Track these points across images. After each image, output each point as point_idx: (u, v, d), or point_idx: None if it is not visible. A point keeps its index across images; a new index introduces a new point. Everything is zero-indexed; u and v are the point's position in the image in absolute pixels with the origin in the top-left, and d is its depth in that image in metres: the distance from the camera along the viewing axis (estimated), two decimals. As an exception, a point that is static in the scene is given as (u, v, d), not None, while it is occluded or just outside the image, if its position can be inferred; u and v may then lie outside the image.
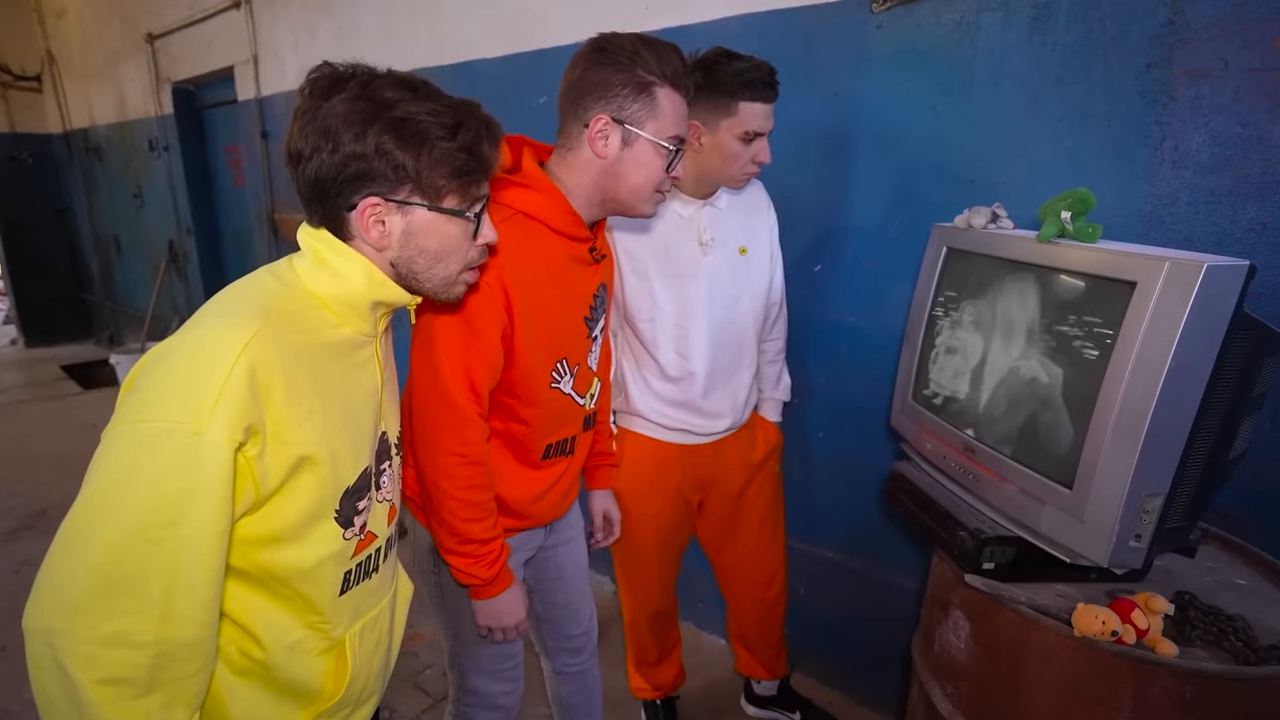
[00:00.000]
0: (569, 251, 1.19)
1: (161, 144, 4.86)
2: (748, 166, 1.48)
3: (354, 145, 0.78)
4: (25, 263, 6.47)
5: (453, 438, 1.12)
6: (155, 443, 0.69)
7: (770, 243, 1.68)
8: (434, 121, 0.80)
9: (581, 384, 1.29)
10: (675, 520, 1.76)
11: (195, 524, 0.70)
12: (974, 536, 1.14)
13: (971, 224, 1.31)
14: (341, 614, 0.90)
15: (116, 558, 0.68)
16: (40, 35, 6.15)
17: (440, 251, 0.87)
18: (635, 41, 1.11)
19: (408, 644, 2.37)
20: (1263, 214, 1.30)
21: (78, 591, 0.67)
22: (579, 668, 1.56)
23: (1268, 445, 1.32)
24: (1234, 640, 0.97)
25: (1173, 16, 1.33)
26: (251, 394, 0.71)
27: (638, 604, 1.87)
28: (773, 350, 1.78)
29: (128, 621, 0.69)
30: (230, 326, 0.73)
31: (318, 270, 0.84)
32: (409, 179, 0.81)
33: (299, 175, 0.82)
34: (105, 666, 0.68)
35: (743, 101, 1.41)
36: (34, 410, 4.83)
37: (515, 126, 1.23)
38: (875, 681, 2.05)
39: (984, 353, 1.25)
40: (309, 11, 3.40)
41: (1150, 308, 0.94)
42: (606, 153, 1.13)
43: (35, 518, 3.29)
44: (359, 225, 0.83)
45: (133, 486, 0.69)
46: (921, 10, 1.63)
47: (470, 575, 1.18)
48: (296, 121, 0.81)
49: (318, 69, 0.82)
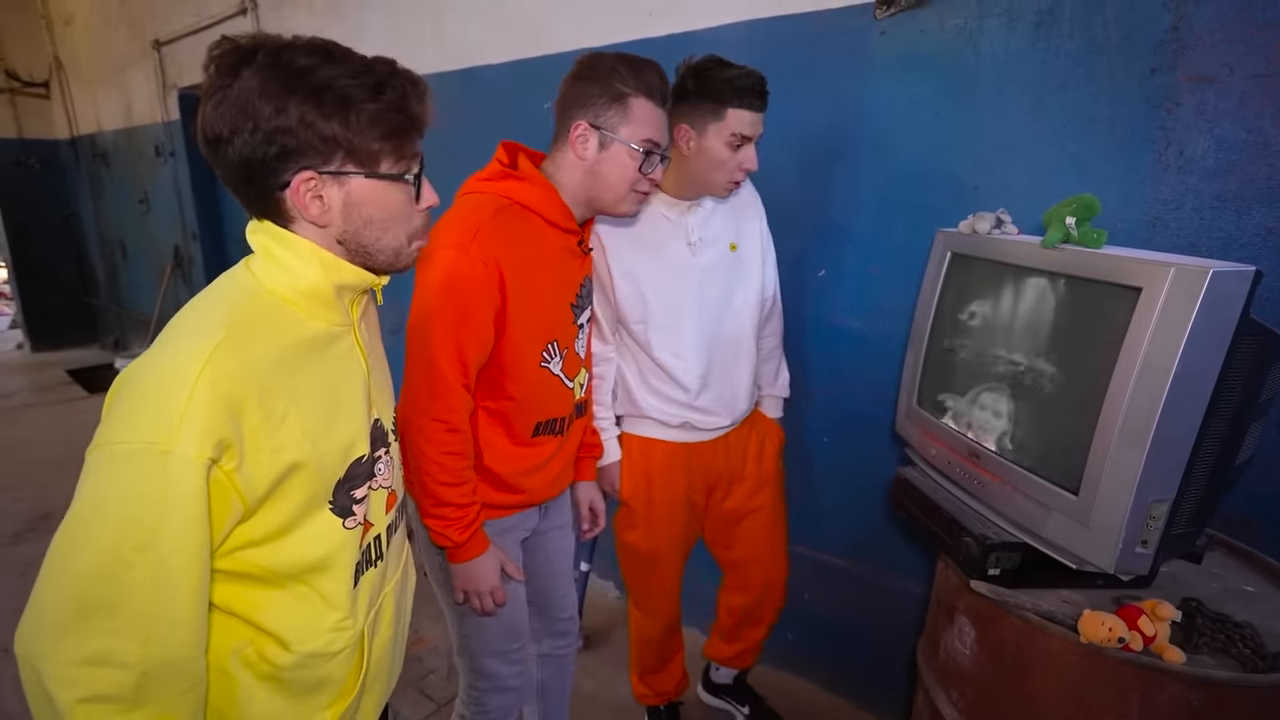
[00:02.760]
0: (560, 242, 1.30)
1: (168, 149, 4.88)
2: (734, 173, 1.49)
3: (276, 120, 0.74)
4: (32, 267, 6.49)
5: (438, 404, 1.18)
6: (126, 464, 0.68)
7: (760, 236, 1.69)
8: (355, 84, 0.76)
9: (570, 367, 1.37)
10: (683, 525, 1.76)
11: (170, 545, 0.69)
12: (979, 542, 1.14)
13: (976, 229, 1.31)
14: (358, 606, 0.90)
15: (95, 581, 0.68)
16: (48, 42, 6.19)
17: (385, 220, 0.83)
18: (614, 59, 1.25)
19: (412, 649, 2.36)
20: (1268, 219, 1.29)
21: (60, 615, 0.68)
22: (562, 651, 1.64)
23: (1274, 451, 1.32)
24: (1242, 647, 0.97)
25: (1177, 22, 1.33)
26: (218, 408, 0.70)
27: (644, 610, 1.87)
28: (768, 347, 1.79)
29: (110, 641, 0.69)
30: (192, 343, 0.72)
31: (272, 268, 0.81)
32: (339, 147, 0.77)
33: (222, 161, 0.78)
34: (87, 685, 0.68)
35: (731, 108, 1.43)
36: (39, 414, 4.84)
37: (520, 131, 1.25)
38: (880, 687, 2.04)
39: (989, 358, 1.25)
40: (315, 18, 3.42)
41: (1156, 313, 0.94)
42: (586, 155, 1.25)
43: (39, 521, 3.29)
44: (296, 204, 0.79)
45: (108, 510, 0.68)
46: (925, 16, 1.63)
47: (445, 537, 1.25)
48: (207, 102, 0.76)
49: (217, 43, 0.77)
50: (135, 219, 5.66)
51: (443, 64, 2.83)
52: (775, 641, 2.27)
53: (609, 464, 1.70)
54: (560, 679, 1.67)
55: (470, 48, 2.71)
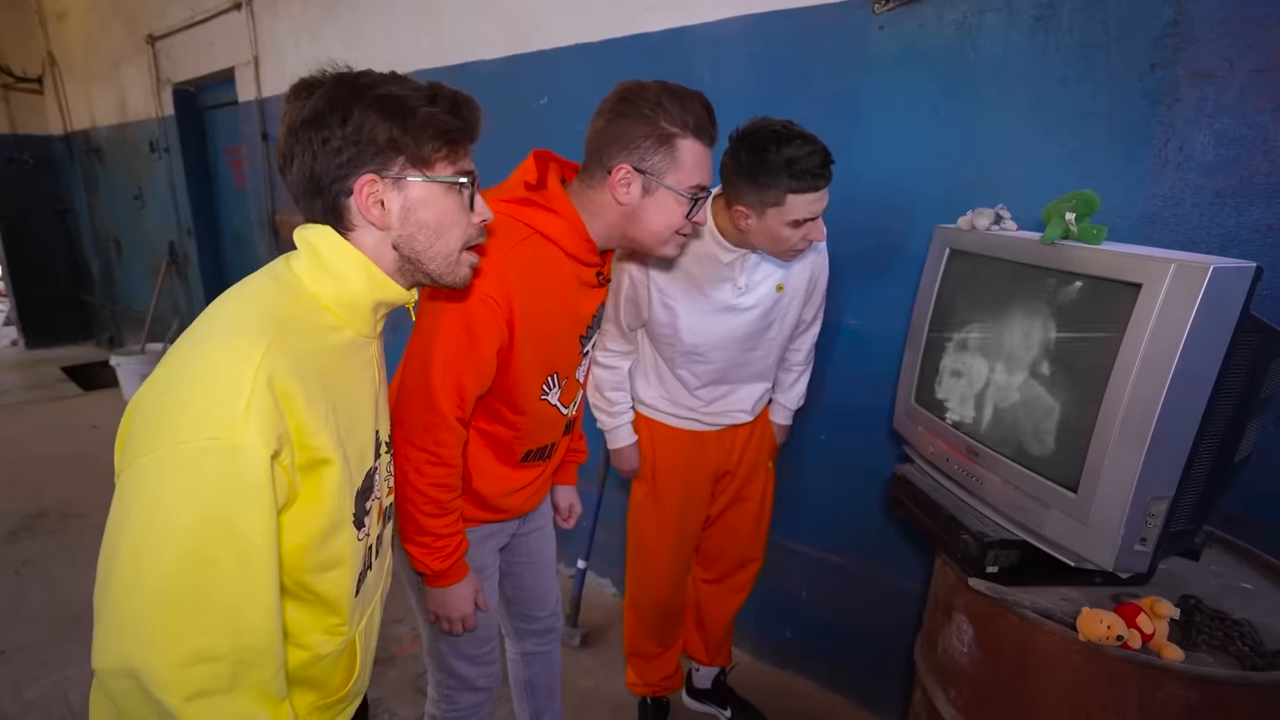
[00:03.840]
0: (577, 274, 1.22)
1: (162, 145, 4.85)
2: (798, 245, 1.42)
3: (341, 129, 0.81)
4: (26, 264, 6.46)
5: (429, 436, 1.15)
6: (194, 462, 0.68)
7: (812, 273, 1.63)
8: (413, 93, 0.84)
9: (568, 395, 1.33)
10: (682, 498, 1.78)
11: (249, 537, 0.70)
12: (977, 540, 1.14)
13: (975, 225, 1.31)
14: (355, 613, 0.92)
15: (179, 582, 0.68)
16: (41, 37, 6.15)
17: (439, 225, 0.88)
18: (659, 91, 1.12)
19: (408, 648, 2.36)
20: (1268, 215, 1.29)
21: (149, 624, 0.68)
22: (545, 648, 1.63)
23: (1274, 448, 1.32)
24: (1240, 645, 0.97)
25: (1177, 17, 1.32)
26: (275, 404, 0.72)
27: (642, 588, 1.88)
28: (791, 359, 1.79)
29: (203, 639, 0.70)
30: (244, 340, 0.73)
31: (319, 273, 0.84)
32: (398, 150, 0.83)
33: (292, 174, 0.84)
34: (191, 684, 0.70)
35: (791, 194, 1.34)
36: (34, 412, 4.82)
37: (516, 128, 1.22)
38: (877, 685, 2.04)
39: (987, 356, 1.25)
40: (310, 13, 3.40)
41: (1156, 310, 0.94)
42: (628, 200, 1.15)
43: (35, 519, 3.28)
44: (360, 208, 0.84)
45: (180, 510, 0.68)
46: (924, 11, 1.62)
47: (424, 565, 1.22)
48: (284, 124, 0.84)
49: (296, 83, 0.86)
50: (130, 215, 5.64)
51: (438, 60, 2.81)
52: (773, 640, 2.28)
53: (626, 446, 1.74)
54: (547, 675, 1.66)
55: (465, 44, 2.70)
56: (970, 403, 1.28)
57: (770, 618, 2.26)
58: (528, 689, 1.66)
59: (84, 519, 3.28)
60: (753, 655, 2.34)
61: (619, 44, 2.20)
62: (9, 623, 2.53)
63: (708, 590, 1.96)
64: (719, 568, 1.92)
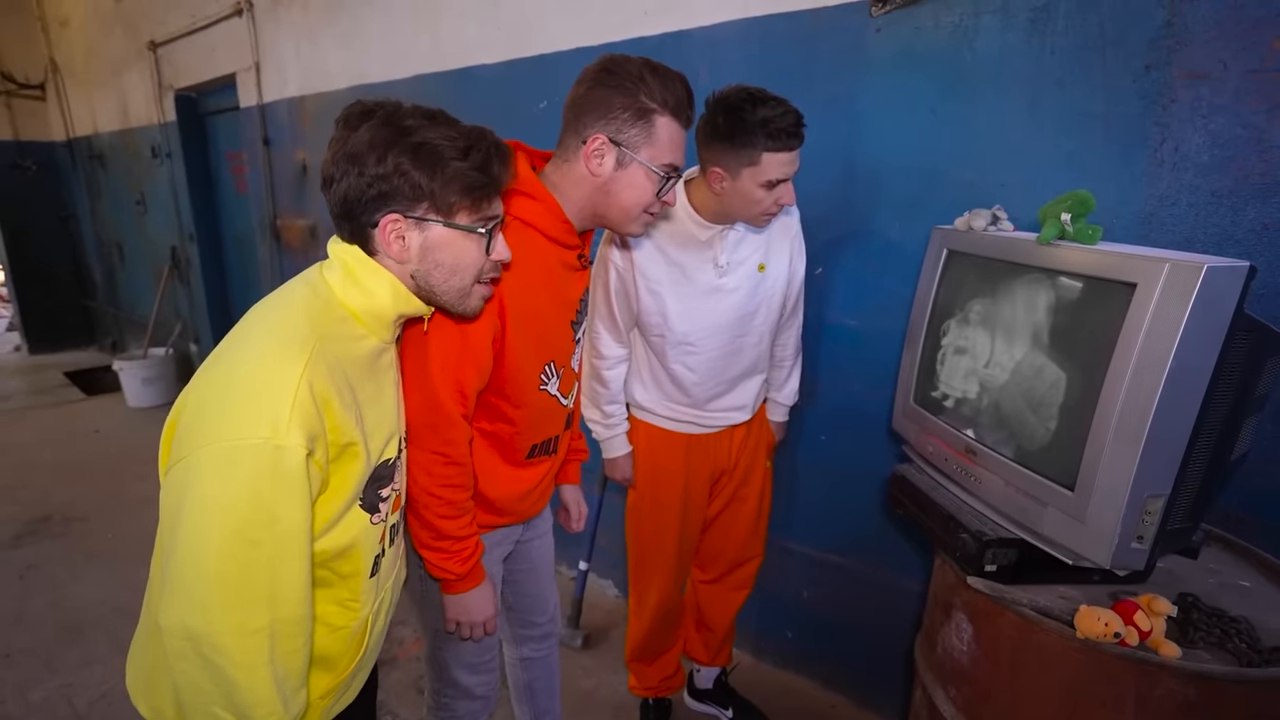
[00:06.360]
0: (560, 258, 1.23)
1: (164, 151, 4.87)
2: (770, 209, 1.46)
3: (377, 168, 0.88)
4: (29, 269, 6.48)
5: (436, 437, 1.15)
6: (247, 457, 0.77)
7: (790, 254, 1.66)
8: (448, 145, 0.90)
9: (565, 385, 1.34)
10: (680, 501, 1.77)
11: (288, 523, 0.80)
12: (976, 539, 1.14)
13: (972, 226, 1.31)
14: (370, 595, 1.00)
15: (228, 559, 0.77)
16: (44, 44, 6.18)
17: (454, 265, 0.96)
18: (642, 67, 1.13)
19: (411, 649, 2.37)
20: (1263, 215, 1.30)
21: (202, 592, 0.77)
22: (544, 653, 1.64)
23: (1270, 446, 1.32)
24: (1237, 642, 0.97)
25: (1171, 19, 1.33)
26: (314, 408, 0.81)
27: (645, 591, 1.88)
28: (780, 354, 1.79)
29: (246, 611, 0.79)
30: (289, 348, 0.83)
31: (349, 285, 0.93)
32: (425, 197, 0.91)
33: (330, 195, 0.92)
34: (238, 651, 0.79)
35: (766, 152, 1.37)
36: (37, 417, 4.83)
37: (515, 131, 1.23)
38: (878, 685, 2.04)
39: (985, 355, 1.25)
40: (311, 18, 3.41)
41: (1151, 309, 0.94)
42: (600, 171, 1.16)
43: (39, 523, 3.29)
44: (382, 240, 0.92)
45: (232, 497, 0.77)
46: (920, 14, 1.63)
47: (443, 570, 1.22)
48: (330, 149, 0.92)
49: (351, 105, 0.93)
50: (132, 221, 5.65)
51: (438, 64, 2.82)
52: (773, 640, 2.29)
53: (621, 455, 1.74)
54: (547, 679, 1.67)
55: (465, 48, 2.71)
56: (968, 402, 1.29)
57: (771, 618, 2.27)
58: (527, 693, 1.66)
59: (87, 523, 3.28)
60: (754, 655, 2.34)
61: (618, 48, 2.21)
62: (13, 626, 2.53)
63: (707, 590, 1.96)
64: (717, 568, 1.92)
